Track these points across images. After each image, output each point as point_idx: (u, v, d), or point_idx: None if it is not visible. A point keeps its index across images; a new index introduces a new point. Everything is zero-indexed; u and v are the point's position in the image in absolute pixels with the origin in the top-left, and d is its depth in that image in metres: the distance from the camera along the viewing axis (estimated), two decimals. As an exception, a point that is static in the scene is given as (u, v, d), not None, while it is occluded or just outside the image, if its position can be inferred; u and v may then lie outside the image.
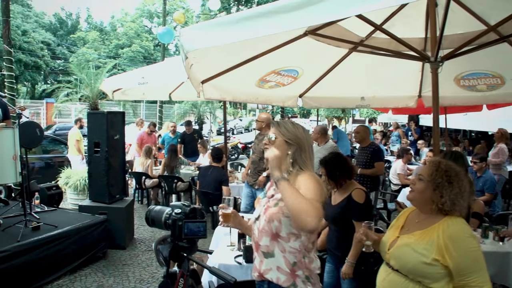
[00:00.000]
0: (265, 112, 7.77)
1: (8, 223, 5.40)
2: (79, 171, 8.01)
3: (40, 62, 36.07)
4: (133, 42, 42.39)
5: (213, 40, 2.68)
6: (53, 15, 50.90)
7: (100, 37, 45.74)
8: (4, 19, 7.51)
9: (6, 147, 4.80)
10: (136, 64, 39.31)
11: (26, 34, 34.68)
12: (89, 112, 6.33)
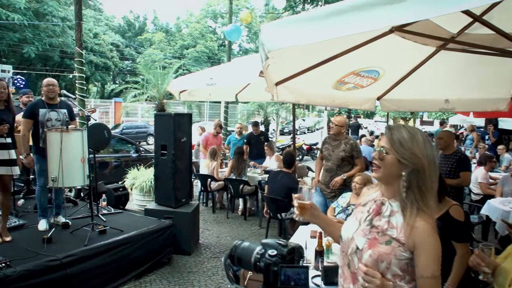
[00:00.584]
0: (341, 115, 7.30)
1: (76, 225, 5.37)
2: (145, 173, 7.96)
3: (110, 63, 37.37)
4: (197, 43, 42.99)
5: (298, 38, 2.33)
6: (122, 18, 52.69)
7: (166, 38, 46.76)
8: (77, 22, 7.59)
9: (75, 149, 4.73)
10: (200, 64, 39.84)
11: (97, 36, 36.05)
12: (156, 114, 6.21)
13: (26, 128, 5.08)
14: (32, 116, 5.12)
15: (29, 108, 5.17)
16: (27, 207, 6.39)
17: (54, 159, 4.74)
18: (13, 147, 4.77)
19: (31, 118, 5.11)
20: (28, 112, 5.14)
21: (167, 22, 54.50)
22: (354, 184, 4.93)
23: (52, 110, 5.25)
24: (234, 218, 8.17)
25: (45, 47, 27.99)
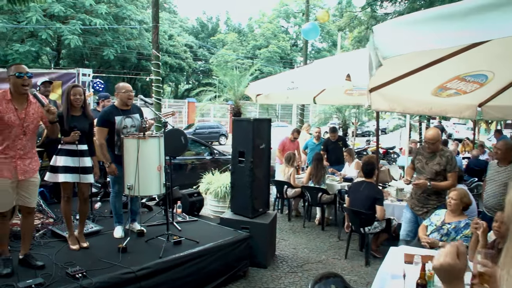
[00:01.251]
0: (434, 128, 6.55)
1: (151, 234, 5.20)
2: (220, 178, 7.74)
3: (184, 64, 38.15)
4: (270, 43, 42.88)
5: (422, 42, 1.89)
6: (196, 20, 53.79)
7: (238, 39, 47.11)
8: (154, 25, 7.51)
9: (152, 157, 4.52)
10: (273, 65, 39.69)
11: (172, 38, 36.91)
12: (234, 120, 5.93)
13: (102, 137, 4.95)
14: (108, 124, 4.98)
15: (105, 116, 5.01)
16: (103, 211, 6.35)
17: (130, 166, 4.56)
18: (88, 154, 4.65)
19: (107, 127, 4.97)
20: (104, 120, 4.99)
21: (240, 23, 54.86)
22: (449, 199, 4.37)
23: (127, 117, 5.10)
24: (310, 227, 7.74)
25: (123, 50, 28.98)
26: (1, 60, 22.66)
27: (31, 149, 3.99)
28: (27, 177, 3.90)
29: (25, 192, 3.97)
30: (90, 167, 4.64)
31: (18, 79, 3.73)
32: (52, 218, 5.82)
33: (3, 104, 3.75)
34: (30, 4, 19.47)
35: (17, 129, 3.79)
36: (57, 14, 23.70)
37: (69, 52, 29.97)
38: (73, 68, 27.01)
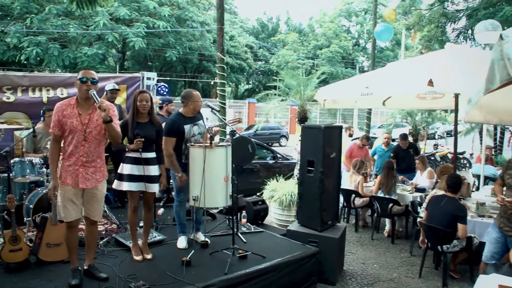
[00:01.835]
0: None
1: (215, 246, 5.01)
2: (285, 185, 7.44)
3: (244, 65, 38.20)
4: (331, 42, 42.10)
5: None
6: (256, 20, 53.78)
7: (299, 39, 46.64)
8: (219, 27, 7.33)
9: (218, 168, 4.30)
10: (334, 65, 38.94)
11: (233, 39, 37.02)
12: (304, 127, 5.61)
13: (171, 147, 4.74)
14: (177, 134, 4.78)
15: (175, 126, 4.78)
16: (166, 217, 6.24)
17: (195, 176, 4.37)
18: (156, 162, 4.49)
19: (175, 136, 4.78)
20: (174, 130, 4.77)
21: (300, 23, 54.35)
22: None
23: (194, 125, 4.92)
24: (379, 240, 7.28)
25: (185, 51, 29.34)
26: (71, 63, 23.54)
27: (97, 158, 3.87)
28: (88, 186, 3.79)
29: (88, 203, 3.88)
30: (156, 176, 4.49)
31: (82, 84, 3.69)
32: (115, 224, 5.77)
33: (68, 109, 3.72)
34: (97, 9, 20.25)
35: (79, 134, 3.71)
36: (122, 18, 24.30)
37: (133, 53, 30.71)
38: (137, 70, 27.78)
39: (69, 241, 3.93)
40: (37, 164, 5.48)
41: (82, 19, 23.72)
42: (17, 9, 22.37)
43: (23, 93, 6.61)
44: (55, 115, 3.71)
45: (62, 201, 3.75)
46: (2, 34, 23.30)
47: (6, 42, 23.06)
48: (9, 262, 4.21)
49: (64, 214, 3.77)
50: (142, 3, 25.60)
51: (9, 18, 23.80)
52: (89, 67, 22.32)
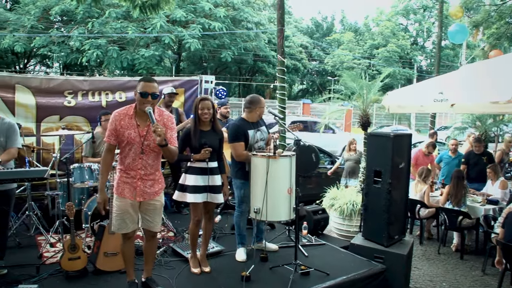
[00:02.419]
0: None
1: (275, 259, 4.79)
2: (346, 193, 7.09)
3: (299, 65, 37.85)
4: (388, 42, 40.91)
5: None
6: (310, 19, 53.26)
7: (354, 38, 45.72)
8: (279, 28, 7.08)
9: (282, 179, 4.06)
10: (391, 65, 37.80)
11: (287, 39, 36.72)
12: (370, 134, 5.28)
13: (243, 150, 4.57)
14: (243, 138, 4.61)
15: (239, 130, 4.62)
16: (223, 225, 6.06)
17: (257, 187, 4.15)
18: (218, 172, 4.31)
19: (243, 140, 4.60)
20: (240, 134, 4.60)
21: (356, 21, 53.29)
22: None
23: (257, 130, 4.73)
24: (446, 254, 6.77)
25: (240, 51, 29.37)
26: (129, 64, 24.14)
27: (155, 171, 3.71)
28: (146, 199, 3.64)
29: (147, 215, 3.73)
30: (220, 186, 4.31)
31: (142, 98, 3.50)
32: (172, 232, 5.66)
33: (125, 119, 3.56)
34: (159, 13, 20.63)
35: (137, 146, 3.55)
36: (178, 20, 24.61)
37: (188, 55, 31.14)
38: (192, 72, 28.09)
39: (125, 252, 3.80)
40: (96, 170, 5.46)
41: (140, 21, 24.22)
42: (80, 14, 23.20)
43: (83, 97, 6.65)
44: (112, 124, 3.56)
45: (119, 213, 3.61)
46: (66, 38, 24.25)
47: (70, 46, 23.98)
48: (68, 270, 4.18)
49: (119, 226, 3.63)
50: (198, 5, 25.82)
51: (73, 23, 24.73)
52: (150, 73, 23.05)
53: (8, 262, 4.46)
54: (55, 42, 24.35)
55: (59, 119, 6.52)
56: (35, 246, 5.19)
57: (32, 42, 23.79)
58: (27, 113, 6.32)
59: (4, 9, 27.36)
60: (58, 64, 32.34)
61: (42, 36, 23.71)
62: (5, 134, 4.23)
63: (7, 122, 4.30)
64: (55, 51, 24.71)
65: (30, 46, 24.26)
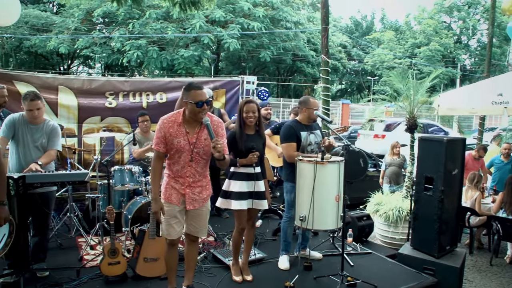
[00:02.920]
0: None
1: (319, 268, 4.60)
2: (391, 198, 6.80)
3: (338, 64, 37.32)
4: (430, 40, 39.73)
5: None
6: (349, 18, 52.49)
7: (395, 37, 44.69)
8: (323, 27, 6.84)
9: (330, 185, 3.85)
10: (433, 64, 36.72)
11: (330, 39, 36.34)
12: (421, 138, 4.98)
13: (294, 151, 4.42)
14: (295, 139, 4.45)
15: (292, 131, 4.47)
16: (265, 230, 5.89)
17: (303, 194, 3.96)
18: (262, 177, 4.15)
19: (295, 141, 4.44)
20: (292, 135, 4.45)
21: (396, 20, 52.14)
22: None
23: (311, 133, 4.55)
24: (500, 266, 6.36)
25: (279, 51, 29.20)
26: (168, 65, 24.38)
27: (203, 177, 3.59)
28: (195, 207, 3.53)
29: (193, 221, 3.60)
30: (264, 191, 4.15)
31: (197, 108, 3.33)
32: (213, 236, 5.54)
33: (174, 126, 3.42)
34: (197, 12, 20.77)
35: (186, 154, 3.43)
36: (218, 20, 24.66)
37: (227, 55, 31.20)
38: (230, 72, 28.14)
39: (169, 259, 3.68)
40: (136, 173, 5.41)
41: (180, 22, 24.42)
42: (121, 15, 23.60)
43: (124, 98, 6.64)
44: (160, 131, 3.42)
45: (166, 218, 3.50)
46: (108, 39, 24.75)
47: (111, 47, 24.45)
48: (108, 275, 4.12)
49: (168, 231, 3.52)
50: (237, 5, 25.81)
51: (114, 24, 25.22)
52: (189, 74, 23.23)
53: (49, 264, 4.46)
54: (97, 43, 24.92)
55: (100, 120, 6.53)
56: (76, 248, 5.19)
57: (76, 44, 24.40)
58: (69, 114, 6.35)
59: (50, 13, 28.29)
60: (100, 65, 33.08)
61: (85, 37, 24.28)
62: (48, 136, 4.26)
63: (51, 124, 4.33)
64: (97, 52, 25.30)
65: (74, 47, 24.93)
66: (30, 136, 4.17)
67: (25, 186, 3.63)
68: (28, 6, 27.41)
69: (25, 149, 4.15)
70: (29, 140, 4.16)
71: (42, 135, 4.22)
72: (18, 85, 5.87)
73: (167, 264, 3.72)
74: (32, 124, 4.19)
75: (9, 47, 28.09)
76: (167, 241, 3.61)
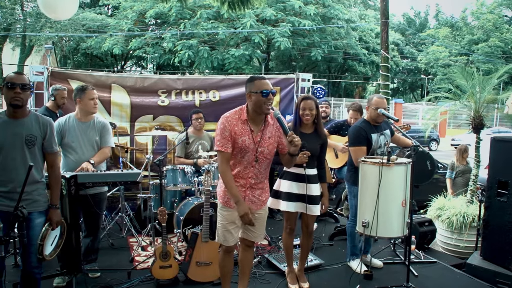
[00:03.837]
0: None
1: (380, 277, 4.31)
2: (455, 203, 6.35)
3: (391, 63, 36.31)
4: (490, 36, 37.86)
5: None
6: (402, 15, 50.98)
7: (451, 33, 42.96)
8: (383, 21, 6.48)
9: (396, 189, 3.56)
10: (493, 61, 35.02)
11: (378, 36, 35.42)
12: (494, 139, 4.57)
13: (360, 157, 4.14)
14: (366, 142, 4.20)
15: (362, 132, 4.20)
16: (320, 235, 5.63)
17: (366, 198, 3.69)
18: (317, 180, 3.90)
19: (365, 144, 4.20)
20: (362, 138, 4.19)
21: (452, 15, 50.15)
22: None
23: (381, 134, 4.28)
24: None
25: (330, 50, 28.72)
26: (219, 64, 24.46)
27: (264, 179, 3.36)
28: (254, 209, 3.28)
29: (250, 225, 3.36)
30: (318, 196, 3.89)
31: (263, 98, 3.04)
32: (266, 240, 5.34)
33: (238, 124, 3.15)
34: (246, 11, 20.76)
35: (251, 154, 3.17)
36: (268, 18, 24.50)
37: (277, 54, 30.98)
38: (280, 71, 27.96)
39: (224, 266, 3.48)
40: (189, 173, 5.28)
41: (230, 21, 24.46)
42: (172, 16, 23.92)
43: (176, 96, 6.54)
44: (225, 130, 3.13)
45: (224, 223, 3.28)
46: (160, 40, 25.18)
47: (163, 47, 24.83)
48: (159, 278, 4.01)
49: (225, 237, 3.30)
50: (287, 3, 25.57)
51: (165, 25, 25.62)
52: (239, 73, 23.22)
53: (101, 264, 4.42)
54: (149, 44, 25.37)
55: (152, 118, 6.47)
56: (127, 248, 5.14)
57: (129, 45, 24.95)
58: (122, 112, 6.32)
59: (105, 15, 29.18)
60: (152, 65, 33.72)
61: (137, 38, 24.79)
62: (100, 133, 4.18)
63: (101, 121, 4.26)
64: (150, 52, 25.78)
65: (127, 48, 25.50)
66: (84, 135, 4.10)
67: (76, 186, 3.56)
68: (85, 10, 28.37)
69: (80, 149, 4.07)
70: (84, 139, 4.09)
71: (95, 132, 4.15)
72: (73, 83, 5.89)
73: (222, 271, 3.52)
74: (83, 121, 4.12)
75: (67, 49, 29.23)
76: (222, 248, 3.42)
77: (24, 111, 3.06)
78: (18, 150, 3.00)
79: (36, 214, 3.08)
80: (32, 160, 2.99)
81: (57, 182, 3.21)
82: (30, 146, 3.04)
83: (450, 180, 7.22)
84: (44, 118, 3.17)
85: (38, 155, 3.12)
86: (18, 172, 2.98)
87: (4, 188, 2.99)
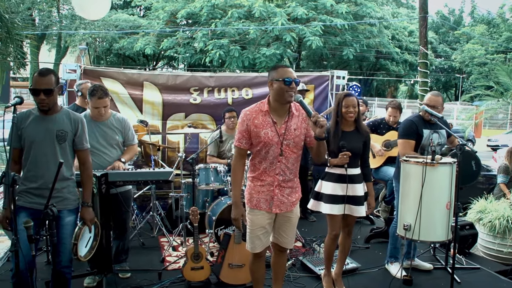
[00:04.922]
0: None
1: (420, 281, 4.16)
2: (498, 206, 6.06)
3: (424, 61, 35.51)
4: (530, 32, 36.60)
5: None
6: (436, 13, 49.81)
7: (487, 31, 41.70)
8: (422, 16, 6.23)
9: (441, 191, 3.38)
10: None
11: (412, 34, 34.67)
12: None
13: (411, 151, 4.01)
14: (415, 136, 4.05)
15: (413, 126, 4.08)
16: (356, 236, 5.42)
17: (409, 199, 3.53)
18: (361, 180, 3.73)
19: (414, 139, 4.05)
20: (412, 132, 4.06)
21: (489, 11, 48.57)
22: None
23: (434, 132, 4.10)
24: None
25: (362, 48, 28.27)
26: (250, 64, 24.38)
27: (294, 176, 3.18)
28: (283, 210, 3.12)
29: (281, 229, 3.21)
30: (362, 196, 3.71)
31: (285, 86, 2.90)
32: (300, 241, 5.20)
33: (259, 117, 3.01)
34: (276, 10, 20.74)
35: (275, 148, 3.01)
36: (299, 17, 24.27)
37: (308, 53, 30.72)
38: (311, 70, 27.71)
39: (255, 272, 3.35)
40: (222, 172, 5.18)
41: (261, 21, 24.35)
42: (204, 15, 24.00)
43: (208, 94, 6.47)
44: (243, 124, 3.04)
45: (253, 229, 3.14)
46: (191, 39, 25.32)
47: (194, 47, 24.96)
48: (191, 280, 3.92)
49: (253, 244, 3.16)
50: (319, 2, 25.26)
51: (197, 25, 25.74)
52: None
53: (131, 264, 4.39)
54: (180, 44, 25.52)
55: (184, 116, 6.41)
56: (158, 248, 5.09)
57: (161, 45, 25.17)
58: (154, 110, 6.28)
59: (138, 16, 29.60)
60: (183, 66, 33.95)
61: (169, 38, 24.98)
62: (122, 130, 4.05)
63: (119, 117, 4.11)
64: (181, 52, 25.93)
65: (159, 48, 25.73)
66: (102, 136, 3.92)
67: (107, 185, 3.50)
68: (118, 11, 28.80)
69: (99, 151, 3.87)
70: (103, 141, 3.91)
71: (114, 130, 3.99)
72: (105, 81, 5.89)
73: (253, 276, 3.40)
74: (100, 121, 3.94)
75: (100, 50, 29.74)
76: (253, 253, 3.27)
77: (54, 108, 3.02)
78: (49, 145, 2.96)
79: (65, 212, 3.03)
80: (63, 156, 2.96)
81: (89, 179, 3.16)
82: (61, 141, 2.99)
83: (504, 185, 6.81)
84: (76, 115, 3.13)
85: (69, 151, 3.08)
86: (48, 167, 2.94)
87: (33, 184, 2.96)
